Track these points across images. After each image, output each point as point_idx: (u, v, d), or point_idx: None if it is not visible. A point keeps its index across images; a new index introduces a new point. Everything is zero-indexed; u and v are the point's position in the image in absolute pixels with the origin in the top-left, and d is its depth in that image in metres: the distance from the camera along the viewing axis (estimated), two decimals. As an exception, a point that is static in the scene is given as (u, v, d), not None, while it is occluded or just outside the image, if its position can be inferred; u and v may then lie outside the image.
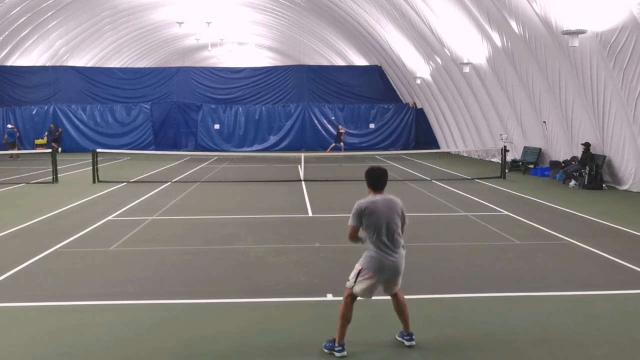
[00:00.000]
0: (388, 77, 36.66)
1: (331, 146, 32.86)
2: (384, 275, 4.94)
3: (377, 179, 5.10)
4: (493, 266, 7.94)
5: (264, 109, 35.74)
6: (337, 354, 4.92)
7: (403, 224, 5.08)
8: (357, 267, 5.03)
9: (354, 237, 5.08)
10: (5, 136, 31.36)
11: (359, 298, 5.05)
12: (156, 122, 35.27)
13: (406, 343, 5.14)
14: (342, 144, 32.40)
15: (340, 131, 32.93)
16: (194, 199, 14.39)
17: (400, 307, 5.19)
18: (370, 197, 5.07)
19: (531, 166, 20.58)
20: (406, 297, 6.60)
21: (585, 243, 9.15)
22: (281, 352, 5.08)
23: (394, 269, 4.96)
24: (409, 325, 5.18)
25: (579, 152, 17.22)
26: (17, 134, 32.07)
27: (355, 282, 4.99)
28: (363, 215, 4.98)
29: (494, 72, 21.52)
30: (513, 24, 17.43)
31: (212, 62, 54.75)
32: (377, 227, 4.93)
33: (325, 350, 5.00)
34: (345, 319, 4.98)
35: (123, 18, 38.52)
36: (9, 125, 32.70)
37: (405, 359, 4.95)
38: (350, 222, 5.06)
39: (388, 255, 4.92)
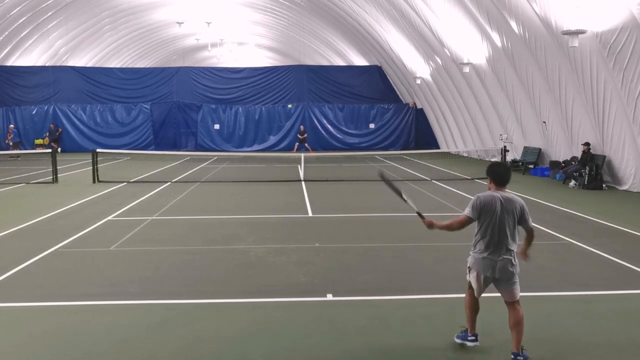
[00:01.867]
0: (388, 77, 36.66)
1: (296, 146, 32.98)
2: (486, 274, 4.83)
3: (500, 175, 4.91)
4: (493, 266, 7.93)
5: (263, 109, 35.74)
6: (469, 344, 5.03)
7: (523, 223, 4.85)
8: (468, 265, 5.04)
9: (460, 226, 4.94)
10: (11, 136, 31.39)
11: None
12: (156, 122, 35.27)
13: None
14: (306, 144, 32.67)
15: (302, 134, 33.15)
16: (194, 199, 14.39)
17: (513, 321, 4.83)
18: (490, 192, 4.90)
19: (531, 166, 20.58)
20: (406, 296, 6.63)
21: (585, 243, 9.15)
22: (281, 352, 5.07)
23: (501, 270, 4.77)
24: (515, 344, 4.80)
25: (579, 152, 17.22)
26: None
27: (469, 277, 5.02)
28: (479, 207, 4.82)
29: (494, 72, 21.52)
30: (513, 24, 17.43)
31: (212, 62, 54.74)
32: (487, 224, 4.80)
33: (457, 341, 5.09)
34: (471, 309, 5.07)
35: (123, 18, 38.51)
36: (11, 126, 32.73)
37: (400, 358, 4.95)
38: (465, 211, 4.92)
39: (488, 256, 4.80)
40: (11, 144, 30.91)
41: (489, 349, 5.09)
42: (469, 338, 5.06)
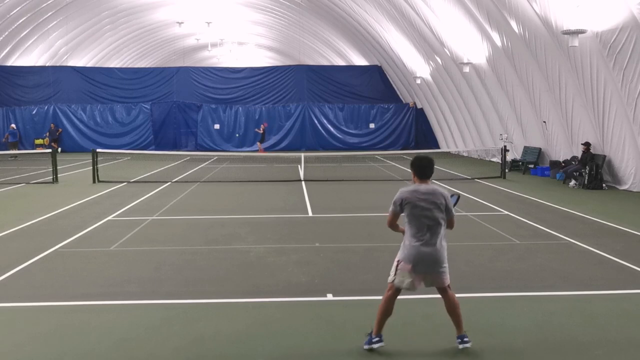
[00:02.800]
0: (388, 77, 36.66)
1: (258, 145, 33.26)
2: (421, 265, 4.85)
3: (422, 168, 5.09)
4: (493, 266, 7.94)
5: (263, 109, 35.74)
6: (374, 346, 4.92)
7: (448, 215, 4.95)
8: (396, 260, 4.97)
9: (393, 223, 5.08)
10: (7, 135, 31.38)
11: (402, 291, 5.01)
12: (156, 122, 35.27)
13: (459, 346, 4.95)
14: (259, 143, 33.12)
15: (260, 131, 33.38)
16: (194, 199, 14.39)
17: (450, 307, 5.02)
18: (413, 186, 5.02)
19: (531, 166, 20.58)
20: (406, 296, 6.62)
21: (585, 243, 9.15)
22: (281, 352, 5.07)
23: (433, 261, 4.86)
24: (461, 327, 5.00)
25: (579, 152, 17.22)
26: (18, 134, 32.13)
27: (394, 275, 4.93)
28: (404, 204, 4.92)
29: (494, 72, 21.52)
30: (513, 24, 17.43)
31: (212, 62, 54.74)
32: (416, 217, 4.87)
33: (366, 347, 4.95)
34: (385, 313, 4.96)
35: (123, 18, 38.51)
36: (12, 125, 32.74)
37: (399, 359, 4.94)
38: (391, 208, 5.01)
39: (424, 246, 4.83)
40: (9, 142, 30.86)
41: (489, 349, 5.08)
42: (374, 339, 4.95)
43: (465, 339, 4.94)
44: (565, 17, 14.45)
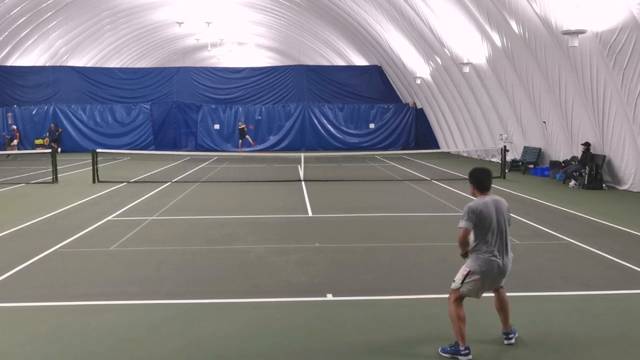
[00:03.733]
0: (388, 77, 36.66)
1: (240, 144, 33.56)
2: (491, 277, 4.91)
3: (483, 180, 5.03)
4: (493, 266, 7.93)
5: (263, 109, 35.74)
6: (463, 358, 4.78)
7: (509, 224, 5.04)
8: (465, 269, 4.94)
9: (466, 240, 4.95)
10: (4, 133, 31.36)
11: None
12: (156, 122, 35.26)
13: (505, 342, 5.11)
14: (247, 138, 33.42)
15: (241, 127, 33.67)
16: (194, 199, 14.39)
17: (501, 304, 5.15)
18: (481, 199, 4.97)
19: (531, 166, 20.58)
20: (406, 296, 6.64)
21: (585, 243, 9.15)
22: (281, 352, 5.07)
23: (502, 272, 4.94)
24: (507, 324, 5.15)
25: (579, 152, 17.22)
26: (17, 134, 32.10)
27: (462, 283, 4.91)
28: (477, 218, 4.84)
29: (494, 72, 21.52)
30: (513, 24, 17.43)
31: (212, 62, 54.74)
32: (487, 229, 4.85)
33: (445, 355, 4.84)
34: (461, 319, 4.87)
35: (123, 18, 38.51)
36: (13, 127, 32.72)
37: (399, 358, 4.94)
38: (461, 224, 4.90)
39: (496, 258, 4.87)
40: (7, 137, 30.83)
41: (489, 349, 5.08)
42: (463, 351, 4.80)
43: (510, 336, 5.11)
44: (565, 17, 14.45)
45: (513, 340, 5.11)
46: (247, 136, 33.66)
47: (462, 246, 4.99)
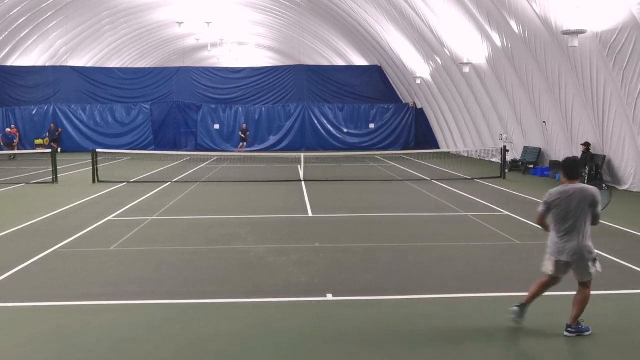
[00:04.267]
0: (388, 77, 36.65)
1: (240, 145, 33.75)
2: (563, 259, 5.32)
3: (572, 168, 5.45)
4: (493, 266, 7.94)
5: (263, 109, 35.74)
6: (515, 309, 5.49)
7: (595, 210, 5.36)
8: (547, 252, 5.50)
9: (543, 221, 5.54)
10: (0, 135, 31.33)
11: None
12: (156, 122, 35.25)
13: (565, 333, 5.38)
14: (244, 143, 33.74)
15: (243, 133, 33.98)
16: (194, 199, 14.39)
17: (580, 298, 5.47)
18: (561, 187, 5.41)
19: (531, 166, 20.58)
20: (406, 296, 6.63)
21: (585, 243, 9.13)
22: (281, 352, 5.07)
23: (574, 257, 5.31)
24: (575, 319, 5.40)
25: (579, 152, 17.21)
26: (17, 136, 32.06)
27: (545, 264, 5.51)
28: (553, 204, 5.34)
29: (494, 72, 21.52)
30: (513, 24, 17.43)
31: (212, 62, 54.72)
32: (561, 215, 5.30)
33: (514, 309, 5.49)
34: (538, 291, 5.57)
35: (123, 18, 38.49)
36: (12, 127, 32.69)
37: (405, 356, 4.94)
38: (538, 208, 5.53)
39: (566, 242, 5.30)
40: (2, 144, 30.80)
41: (489, 349, 5.08)
42: (514, 307, 5.48)
43: (570, 329, 5.37)
44: (565, 17, 14.45)
45: (567, 334, 5.33)
46: (248, 139, 33.80)
47: (540, 225, 5.64)
